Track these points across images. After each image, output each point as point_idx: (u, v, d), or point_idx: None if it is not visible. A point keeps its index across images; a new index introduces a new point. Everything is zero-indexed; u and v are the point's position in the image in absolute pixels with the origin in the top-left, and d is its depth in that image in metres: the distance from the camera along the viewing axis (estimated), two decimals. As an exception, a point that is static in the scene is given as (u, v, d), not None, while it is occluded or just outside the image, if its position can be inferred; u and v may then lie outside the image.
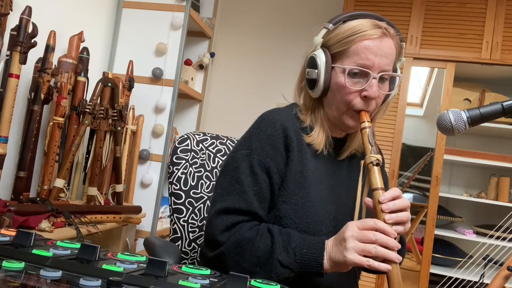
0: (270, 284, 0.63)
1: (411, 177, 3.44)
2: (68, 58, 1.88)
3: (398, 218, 0.81)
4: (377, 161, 0.85)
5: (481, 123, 0.85)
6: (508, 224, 2.50)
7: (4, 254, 0.60)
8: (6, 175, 1.72)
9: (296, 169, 0.94)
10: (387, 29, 0.93)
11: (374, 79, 0.90)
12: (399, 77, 0.97)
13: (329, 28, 0.95)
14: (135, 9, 2.47)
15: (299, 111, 1.01)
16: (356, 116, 0.93)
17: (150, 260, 0.59)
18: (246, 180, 0.92)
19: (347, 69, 0.91)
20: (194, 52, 2.97)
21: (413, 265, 3.42)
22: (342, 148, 1.01)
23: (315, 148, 0.97)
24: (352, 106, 0.93)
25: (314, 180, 0.95)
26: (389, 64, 0.92)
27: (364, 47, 0.90)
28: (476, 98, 2.93)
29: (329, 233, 0.90)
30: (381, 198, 0.82)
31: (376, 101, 0.93)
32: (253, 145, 0.95)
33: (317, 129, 0.98)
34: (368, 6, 2.75)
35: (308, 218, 0.92)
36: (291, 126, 0.96)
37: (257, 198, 0.92)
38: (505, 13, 2.55)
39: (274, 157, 0.93)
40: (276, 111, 1.00)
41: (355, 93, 0.92)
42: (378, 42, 0.91)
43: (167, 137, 2.40)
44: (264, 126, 0.96)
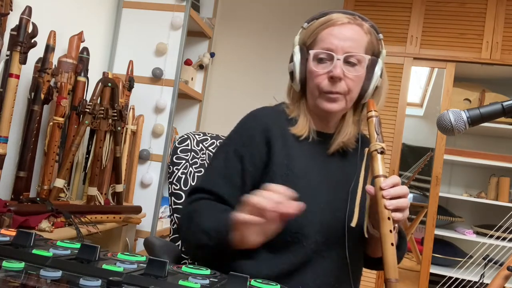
0: (270, 284, 0.63)
1: (411, 177, 3.45)
2: (68, 58, 1.88)
3: (398, 204, 0.83)
4: (382, 149, 0.87)
5: (481, 123, 0.85)
6: (508, 224, 2.50)
7: (4, 254, 0.60)
8: (6, 175, 1.72)
9: (282, 162, 0.97)
10: (355, 18, 0.98)
11: (338, 60, 0.94)
12: (376, 62, 0.98)
13: (304, 27, 1.02)
14: (135, 9, 2.47)
15: (286, 107, 1.06)
16: (330, 98, 0.97)
17: (150, 260, 0.59)
18: (217, 165, 1.00)
19: (312, 53, 0.98)
20: (194, 52, 2.97)
21: (413, 265, 3.42)
22: (331, 140, 1.02)
23: (299, 134, 1.00)
24: (321, 88, 0.97)
25: (303, 173, 0.97)
26: (355, 48, 0.95)
27: (329, 33, 0.97)
28: (476, 98, 2.93)
29: (319, 223, 0.93)
30: (382, 184, 0.83)
31: (347, 83, 0.95)
32: (232, 136, 1.03)
33: (301, 119, 1.02)
34: (368, 6, 2.75)
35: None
36: (275, 121, 1.01)
37: (224, 180, 0.96)
38: (505, 13, 2.55)
39: (249, 147, 0.98)
40: (263, 108, 1.06)
41: (323, 76, 0.96)
42: (342, 28, 0.97)
43: (167, 137, 2.40)
44: (246, 120, 1.03)
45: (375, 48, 1.01)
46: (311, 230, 0.93)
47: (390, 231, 0.81)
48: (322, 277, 0.93)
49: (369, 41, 0.99)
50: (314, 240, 0.93)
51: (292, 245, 0.92)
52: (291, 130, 1.01)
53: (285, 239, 0.92)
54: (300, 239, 0.92)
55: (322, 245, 0.94)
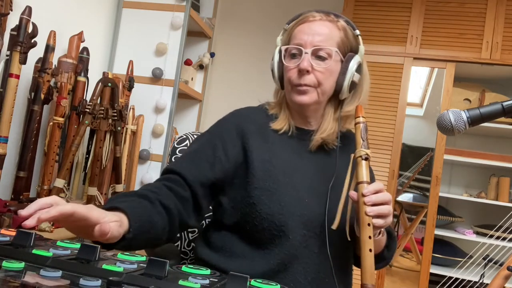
0: (270, 284, 0.63)
1: (411, 177, 3.45)
2: (68, 58, 1.88)
3: (380, 211, 0.84)
4: (366, 155, 0.88)
5: (481, 123, 0.85)
6: (508, 224, 2.50)
7: (4, 254, 0.60)
8: (6, 175, 1.72)
9: (263, 157, 0.98)
10: (328, 15, 1.01)
11: (306, 54, 0.97)
12: (352, 58, 0.99)
13: (285, 28, 1.06)
14: (135, 9, 2.48)
15: (268, 105, 1.10)
16: (299, 91, 0.99)
17: (150, 260, 0.59)
18: (190, 150, 1.03)
19: (283, 49, 1.02)
20: (194, 52, 2.97)
21: (413, 265, 3.43)
22: (312, 136, 1.03)
23: (278, 128, 1.03)
24: (292, 81, 1.00)
25: (285, 168, 0.98)
26: (324, 42, 0.97)
27: (299, 30, 1.01)
28: (476, 98, 2.93)
29: (303, 216, 0.94)
30: (364, 191, 0.85)
31: (316, 75, 0.97)
32: (210, 129, 1.07)
33: (281, 115, 1.05)
34: (368, 6, 2.75)
35: (281, 202, 0.94)
36: (254, 118, 1.04)
37: (192, 164, 0.98)
38: (505, 13, 2.55)
39: (223, 139, 1.01)
40: (245, 107, 1.10)
41: (293, 70, 0.99)
42: (312, 24, 1.00)
43: (167, 137, 2.40)
44: (227, 116, 1.08)
45: (353, 44, 1.02)
46: (295, 224, 0.93)
47: (370, 237, 0.83)
48: (313, 272, 0.94)
49: (343, 37, 1.00)
50: (300, 233, 0.93)
51: (278, 239, 0.93)
52: (271, 126, 1.03)
53: (271, 233, 0.93)
54: (285, 233, 0.93)
55: (309, 239, 0.94)
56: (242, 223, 0.96)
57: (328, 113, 1.03)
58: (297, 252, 0.93)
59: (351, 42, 1.01)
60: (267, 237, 0.93)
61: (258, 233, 0.94)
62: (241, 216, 0.96)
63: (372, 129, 2.68)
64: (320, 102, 1.01)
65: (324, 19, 1.00)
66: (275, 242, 0.93)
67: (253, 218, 0.94)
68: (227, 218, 0.98)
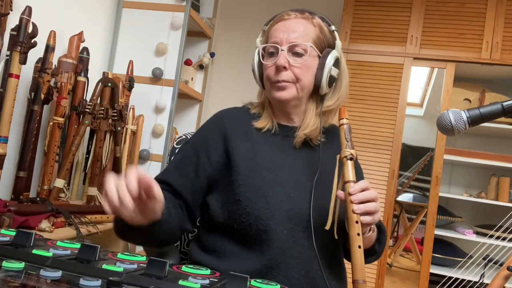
0: (270, 284, 0.63)
1: (411, 177, 3.45)
2: (68, 58, 1.88)
3: (367, 208, 0.87)
4: (351, 155, 0.91)
5: (481, 123, 0.85)
6: (508, 224, 2.50)
7: (4, 254, 0.60)
8: (6, 175, 1.72)
9: (247, 155, 1.00)
10: (303, 13, 1.03)
11: (282, 51, 0.99)
12: (329, 53, 1.01)
13: (263, 29, 1.09)
14: (135, 9, 2.48)
15: (251, 105, 1.12)
16: (278, 87, 1.01)
17: (150, 260, 0.59)
18: (175, 159, 1.07)
19: (260, 48, 1.06)
20: (194, 52, 2.97)
21: (413, 265, 3.42)
22: (295, 133, 1.05)
23: (261, 126, 1.04)
24: (270, 79, 1.02)
25: (269, 165, 1.00)
26: (300, 38, 1.00)
27: (275, 29, 1.03)
28: (476, 98, 2.93)
29: (289, 211, 0.95)
30: (351, 189, 0.88)
31: (294, 71, 0.99)
32: (194, 134, 1.10)
33: (264, 113, 1.08)
34: (368, 6, 2.75)
35: (267, 197, 0.95)
36: (237, 118, 1.07)
37: (177, 171, 1.02)
38: (505, 13, 2.55)
39: (206, 143, 1.03)
40: (228, 108, 1.12)
41: (271, 67, 1.02)
42: (286, 22, 1.02)
43: (167, 137, 2.40)
44: (210, 119, 1.10)
45: (329, 40, 1.04)
46: (281, 218, 0.94)
47: (358, 234, 0.85)
48: (306, 266, 0.94)
49: (318, 33, 1.02)
50: (287, 228, 0.94)
51: (265, 234, 0.93)
52: (254, 125, 1.05)
53: (257, 228, 0.94)
54: (272, 227, 0.93)
55: (297, 233, 0.95)
56: (229, 221, 0.97)
57: (310, 109, 1.05)
58: (286, 247, 0.94)
59: (327, 38, 1.03)
60: (255, 233, 0.94)
61: (245, 230, 0.95)
62: (228, 215, 0.97)
63: (372, 129, 2.68)
64: (300, 97, 1.03)
65: (298, 17, 1.03)
66: (263, 237, 0.94)
67: (239, 215, 0.95)
68: (215, 218, 0.99)
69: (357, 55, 2.74)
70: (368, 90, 2.71)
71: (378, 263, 2.58)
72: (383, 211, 2.60)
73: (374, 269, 2.58)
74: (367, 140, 2.68)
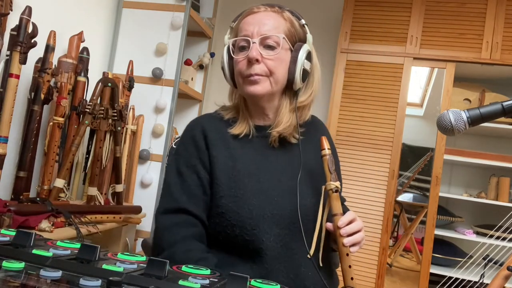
0: (270, 284, 0.63)
1: (411, 177, 3.45)
2: (68, 58, 1.88)
3: (354, 240, 0.91)
4: (336, 188, 0.92)
5: (481, 123, 0.85)
6: (508, 224, 2.50)
7: (4, 254, 0.60)
8: (6, 175, 1.72)
9: (227, 164, 0.98)
10: (273, 6, 1.01)
11: (254, 44, 0.96)
12: (301, 47, 0.99)
13: (231, 26, 1.05)
14: (135, 9, 2.47)
15: (223, 110, 1.08)
16: (251, 81, 0.97)
17: (150, 260, 0.59)
18: (173, 182, 1.00)
19: (230, 42, 1.01)
20: (194, 52, 2.97)
21: (413, 265, 3.42)
22: (269, 134, 1.02)
23: (238, 133, 1.01)
24: (242, 73, 0.98)
25: (250, 171, 0.98)
26: (271, 31, 0.97)
27: (244, 22, 1.00)
28: (476, 98, 2.93)
29: (274, 216, 0.94)
30: (339, 223, 0.90)
31: (267, 64, 0.96)
32: (179, 149, 1.04)
33: (240, 117, 1.04)
34: (368, 6, 2.75)
35: (250, 206, 0.93)
36: (212, 126, 1.03)
37: (186, 195, 0.97)
38: (505, 13, 2.55)
39: (197, 155, 0.99)
40: (199, 116, 1.09)
41: (243, 61, 0.98)
42: (256, 15, 0.99)
43: (167, 137, 2.40)
44: (187, 131, 1.05)
45: (300, 34, 1.02)
46: (266, 225, 0.93)
47: (350, 266, 0.88)
48: (295, 269, 0.94)
49: (289, 27, 1.00)
50: (274, 233, 0.93)
51: (252, 244, 0.93)
52: (230, 132, 1.02)
53: (243, 239, 0.93)
54: (258, 236, 0.92)
55: (284, 237, 0.94)
56: (215, 234, 0.96)
57: (283, 105, 1.02)
58: (274, 253, 0.93)
59: (298, 32, 1.01)
60: (242, 244, 0.93)
61: (232, 242, 0.94)
62: (213, 227, 0.96)
63: (372, 129, 2.68)
64: (274, 92, 1.00)
65: (268, 10, 1.00)
66: (250, 247, 0.93)
67: (224, 227, 0.94)
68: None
69: (357, 55, 2.74)
70: (368, 90, 2.70)
71: (378, 263, 2.58)
72: (383, 211, 2.60)
73: (374, 269, 2.58)
74: (367, 140, 2.68)
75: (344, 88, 2.74)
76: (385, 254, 2.58)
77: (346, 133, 2.71)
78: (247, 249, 0.93)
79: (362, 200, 2.63)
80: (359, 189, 2.64)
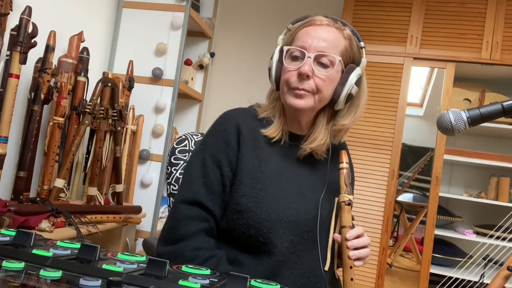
0: (270, 284, 0.63)
1: (411, 177, 3.45)
2: (68, 58, 1.88)
3: (360, 254, 0.91)
4: (349, 201, 0.93)
5: (481, 123, 0.85)
6: (508, 224, 2.50)
7: (4, 254, 0.60)
8: (6, 175, 1.72)
9: (253, 164, 0.97)
10: (336, 22, 0.99)
11: (308, 58, 0.94)
12: (353, 69, 0.97)
13: (289, 28, 1.03)
14: (135, 9, 2.47)
15: (258, 107, 1.07)
16: (296, 94, 0.96)
17: (150, 260, 0.59)
18: (195, 172, 0.98)
19: (285, 49, 0.99)
20: (194, 52, 2.97)
21: (413, 265, 3.42)
22: (301, 144, 1.01)
23: (271, 137, 1.00)
24: (289, 84, 0.97)
25: (274, 175, 0.97)
26: (328, 49, 0.95)
27: (304, 32, 0.98)
28: (476, 98, 2.93)
29: (291, 222, 0.94)
30: (347, 235, 0.91)
31: (316, 81, 0.95)
32: (208, 140, 1.01)
33: (276, 120, 1.03)
34: (368, 6, 2.75)
35: (269, 209, 0.93)
36: (246, 123, 1.01)
37: (206, 188, 0.96)
38: (505, 13, 2.55)
39: (225, 151, 0.98)
40: (234, 110, 1.06)
41: (293, 72, 0.96)
42: (318, 28, 0.97)
43: (167, 137, 2.40)
44: (219, 123, 1.03)
45: (356, 56, 1.00)
46: (282, 230, 0.93)
47: (352, 279, 0.89)
48: (303, 278, 0.94)
49: (347, 47, 0.98)
50: (288, 240, 0.93)
51: (265, 246, 0.92)
52: (262, 132, 1.00)
53: (257, 240, 0.93)
54: (272, 240, 0.92)
55: (297, 245, 0.94)
56: (228, 230, 0.96)
57: (320, 123, 1.01)
58: (285, 259, 0.93)
59: (354, 53, 0.99)
60: (254, 244, 0.93)
61: (245, 241, 0.94)
62: (227, 223, 0.96)
63: (372, 129, 2.68)
64: (315, 109, 0.99)
65: (331, 25, 0.98)
66: (262, 249, 0.93)
67: (240, 225, 0.94)
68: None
69: (357, 55, 2.74)
70: (368, 90, 2.69)
71: (378, 263, 2.58)
72: (383, 211, 2.60)
73: (374, 269, 2.58)
74: (367, 140, 2.68)
75: (344, 88, 2.74)
76: (385, 254, 2.58)
77: (346, 133, 2.70)
78: (258, 250, 0.93)
79: (362, 200, 2.63)
80: (359, 189, 2.64)
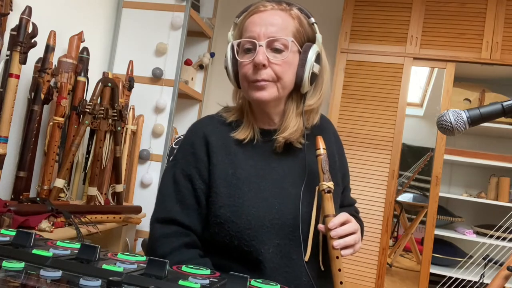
0: (270, 284, 0.63)
1: (411, 177, 3.45)
2: (68, 58, 1.88)
3: (346, 243, 0.87)
4: (329, 188, 0.89)
5: (481, 123, 0.85)
6: (508, 224, 2.50)
7: (4, 254, 0.60)
8: (6, 175, 1.72)
9: (227, 172, 0.93)
10: (280, 4, 0.94)
11: (260, 47, 0.90)
12: (310, 48, 0.93)
13: (235, 22, 0.98)
14: (135, 9, 2.47)
15: (227, 111, 1.04)
16: (257, 87, 0.92)
17: (150, 260, 0.59)
18: (168, 190, 0.96)
19: (235, 44, 0.95)
20: (194, 52, 2.97)
21: (413, 265, 3.42)
22: (274, 139, 0.97)
23: (241, 138, 0.97)
24: (248, 78, 0.93)
25: (251, 178, 0.93)
26: (278, 32, 0.91)
27: (250, 22, 0.93)
28: (476, 98, 2.93)
29: (274, 226, 0.90)
30: (330, 224, 0.87)
31: (274, 69, 0.91)
32: (177, 156, 1.00)
33: (245, 121, 0.99)
34: (368, 6, 2.75)
35: (248, 215, 0.89)
36: (214, 131, 0.98)
37: (180, 205, 0.94)
38: (505, 13, 2.55)
39: (195, 165, 0.96)
40: (200, 120, 1.04)
41: (248, 65, 0.93)
42: (263, 14, 0.93)
43: (167, 137, 2.40)
44: (186, 136, 1.01)
45: (309, 33, 0.96)
46: (266, 236, 0.90)
47: (339, 269, 0.85)
48: (295, 279, 0.91)
49: (298, 26, 0.94)
50: (273, 244, 0.90)
51: (250, 255, 0.90)
52: (233, 136, 0.97)
53: (242, 249, 0.90)
54: (257, 248, 0.89)
55: (284, 247, 0.91)
56: (214, 243, 0.93)
57: (290, 109, 0.97)
58: (274, 264, 0.90)
59: (307, 31, 0.95)
60: (241, 254, 0.90)
61: (230, 251, 0.91)
62: (211, 236, 0.94)
63: (372, 129, 2.68)
64: (281, 97, 0.95)
65: (276, 8, 0.93)
66: (249, 258, 0.90)
67: (223, 237, 0.91)
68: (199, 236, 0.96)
69: (357, 55, 2.74)
70: (368, 90, 2.71)
71: (378, 263, 2.58)
72: (383, 211, 2.60)
73: (374, 269, 2.58)
74: (367, 140, 2.68)
75: (344, 88, 2.74)
76: (385, 254, 2.58)
77: (346, 133, 2.71)
78: (246, 259, 0.90)
79: (362, 200, 2.63)
80: (359, 189, 2.64)
